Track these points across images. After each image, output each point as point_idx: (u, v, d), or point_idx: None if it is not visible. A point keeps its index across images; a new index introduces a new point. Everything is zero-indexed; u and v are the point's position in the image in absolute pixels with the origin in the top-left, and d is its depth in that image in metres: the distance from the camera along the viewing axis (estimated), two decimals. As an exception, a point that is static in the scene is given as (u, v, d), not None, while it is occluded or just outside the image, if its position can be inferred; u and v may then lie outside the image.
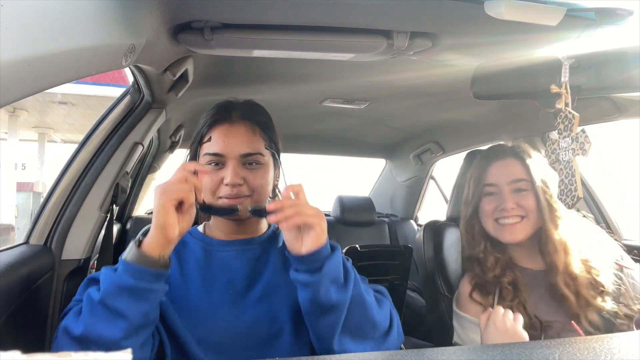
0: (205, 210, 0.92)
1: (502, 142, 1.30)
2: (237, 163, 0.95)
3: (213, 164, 0.96)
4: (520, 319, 0.99)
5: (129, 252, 0.79)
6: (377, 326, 0.89)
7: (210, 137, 0.98)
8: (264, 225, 1.05)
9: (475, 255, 1.23)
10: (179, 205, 0.79)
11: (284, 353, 0.89)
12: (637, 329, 1.03)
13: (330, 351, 0.85)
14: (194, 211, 0.82)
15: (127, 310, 0.75)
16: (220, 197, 0.94)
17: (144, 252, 0.78)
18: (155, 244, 0.78)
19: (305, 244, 0.81)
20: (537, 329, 1.09)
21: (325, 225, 0.82)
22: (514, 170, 1.19)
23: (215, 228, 1.03)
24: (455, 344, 1.20)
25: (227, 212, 0.93)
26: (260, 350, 0.88)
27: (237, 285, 0.94)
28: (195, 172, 0.83)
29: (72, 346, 0.75)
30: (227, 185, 0.93)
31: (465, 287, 1.22)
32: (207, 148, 0.97)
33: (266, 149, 0.98)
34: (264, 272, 0.96)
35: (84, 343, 0.75)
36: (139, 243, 0.79)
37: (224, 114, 1.01)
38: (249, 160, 0.96)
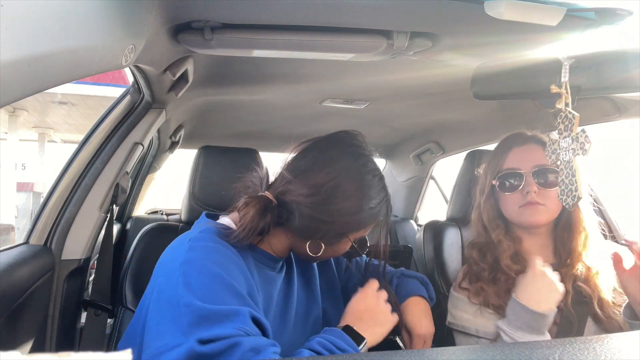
0: None
1: (521, 131, 1.28)
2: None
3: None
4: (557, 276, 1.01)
5: None
6: None
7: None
8: None
9: (482, 242, 1.21)
10: None
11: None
12: (624, 317, 1.05)
13: None
14: None
15: None
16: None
17: None
18: None
19: None
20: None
21: None
22: (537, 155, 1.15)
23: (268, 242, 0.94)
24: (450, 325, 1.21)
25: None
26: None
27: (276, 304, 0.94)
28: None
29: None
30: None
31: (459, 276, 1.24)
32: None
33: None
34: (290, 289, 0.98)
35: None
36: None
37: None
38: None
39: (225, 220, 0.93)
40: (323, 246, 0.89)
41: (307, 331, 0.95)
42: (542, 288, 1.01)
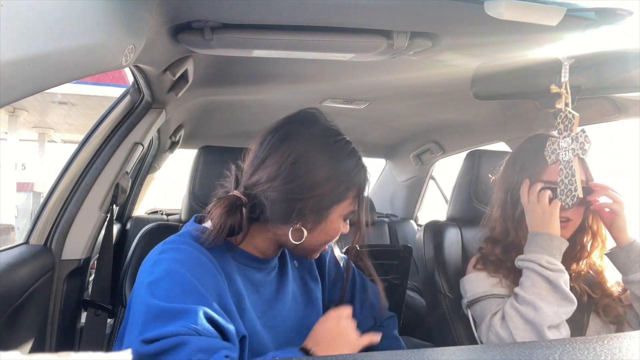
0: None
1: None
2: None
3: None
4: (558, 203, 1.05)
5: None
6: None
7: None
8: None
9: (508, 241, 1.20)
10: None
11: None
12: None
13: None
14: None
15: None
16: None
17: None
18: None
19: None
20: None
21: None
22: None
23: (249, 242, 0.90)
24: (469, 302, 1.19)
25: None
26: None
27: (265, 305, 0.91)
28: None
29: None
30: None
31: (472, 261, 1.26)
32: (359, 205, 0.92)
33: None
34: (282, 291, 0.95)
35: None
36: None
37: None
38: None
39: (208, 223, 0.90)
40: (305, 231, 0.84)
41: (303, 338, 0.90)
42: (536, 213, 1.09)
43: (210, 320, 0.71)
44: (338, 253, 1.14)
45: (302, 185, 0.80)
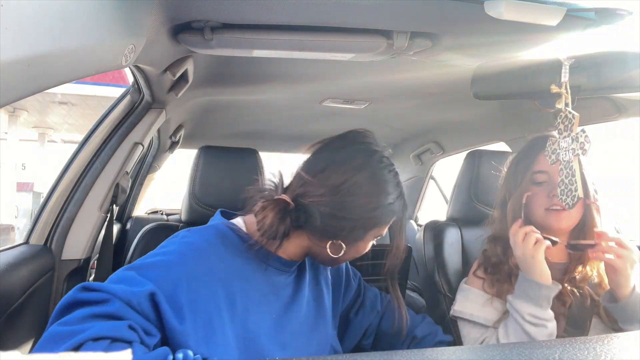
0: None
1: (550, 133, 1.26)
2: None
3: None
4: (543, 245, 1.03)
5: None
6: None
7: None
8: None
9: (507, 239, 1.19)
10: None
11: None
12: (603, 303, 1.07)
13: None
14: None
15: None
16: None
17: None
18: None
19: None
20: None
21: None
22: None
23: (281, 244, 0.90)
24: (455, 313, 1.21)
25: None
26: None
27: (281, 308, 0.91)
28: None
29: None
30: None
31: (474, 266, 1.26)
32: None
33: None
34: (298, 296, 0.95)
35: None
36: None
37: None
38: None
39: (238, 221, 0.92)
40: (344, 246, 0.88)
41: (312, 345, 0.91)
42: (524, 259, 1.05)
43: (157, 306, 0.70)
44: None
45: (354, 207, 0.85)
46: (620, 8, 0.80)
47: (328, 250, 0.88)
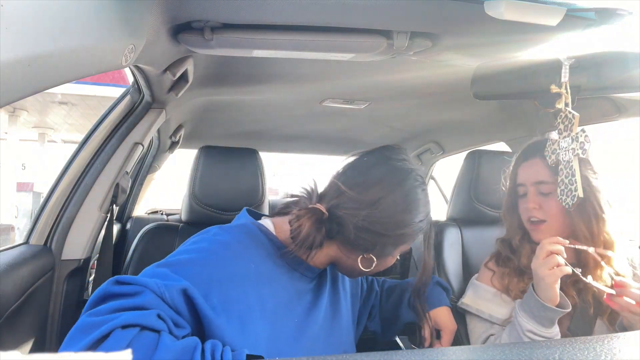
0: None
1: (537, 138, 1.27)
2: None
3: None
4: (558, 274, 0.98)
5: None
6: None
7: None
8: None
9: (510, 241, 1.24)
10: None
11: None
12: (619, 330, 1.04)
13: None
14: None
15: None
16: None
17: None
18: None
19: None
20: None
21: None
22: (539, 170, 1.16)
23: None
24: (463, 306, 1.24)
25: None
26: None
27: (302, 311, 0.91)
28: None
29: None
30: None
31: (487, 258, 1.28)
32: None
33: None
34: (319, 301, 0.96)
35: None
36: None
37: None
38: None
39: (267, 222, 0.92)
40: (375, 260, 0.89)
41: (328, 351, 0.92)
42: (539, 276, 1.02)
43: (190, 300, 0.70)
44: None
45: (389, 224, 0.86)
46: (620, 8, 0.80)
47: (359, 263, 0.89)
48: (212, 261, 0.78)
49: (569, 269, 0.98)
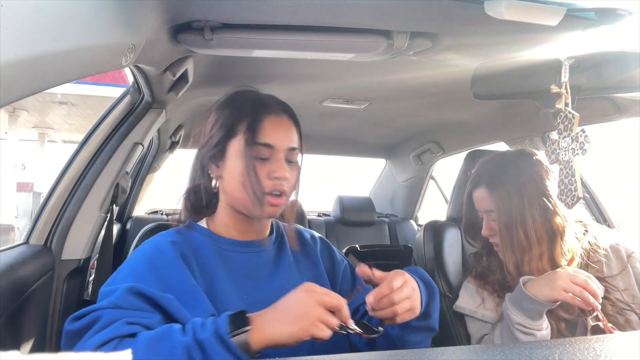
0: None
1: (484, 159, 1.28)
2: (284, 157, 0.90)
3: (260, 158, 0.88)
4: (574, 301, 0.99)
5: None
6: None
7: (260, 127, 0.88)
8: (269, 224, 1.01)
9: (481, 255, 1.29)
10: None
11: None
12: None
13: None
14: None
15: None
16: (264, 193, 0.87)
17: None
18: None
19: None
20: None
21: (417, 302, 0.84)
22: (486, 199, 1.19)
23: (224, 225, 0.94)
24: (457, 309, 1.26)
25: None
26: None
27: (256, 287, 0.90)
28: None
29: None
30: (276, 179, 0.87)
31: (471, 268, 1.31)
32: (259, 138, 0.87)
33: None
34: (278, 275, 0.94)
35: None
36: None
37: (271, 104, 0.95)
38: (291, 156, 0.92)
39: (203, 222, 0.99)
40: (217, 167, 0.93)
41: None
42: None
43: (139, 293, 0.75)
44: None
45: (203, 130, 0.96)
46: (620, 8, 0.80)
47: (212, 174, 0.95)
48: (141, 258, 0.83)
49: (580, 304, 0.99)
